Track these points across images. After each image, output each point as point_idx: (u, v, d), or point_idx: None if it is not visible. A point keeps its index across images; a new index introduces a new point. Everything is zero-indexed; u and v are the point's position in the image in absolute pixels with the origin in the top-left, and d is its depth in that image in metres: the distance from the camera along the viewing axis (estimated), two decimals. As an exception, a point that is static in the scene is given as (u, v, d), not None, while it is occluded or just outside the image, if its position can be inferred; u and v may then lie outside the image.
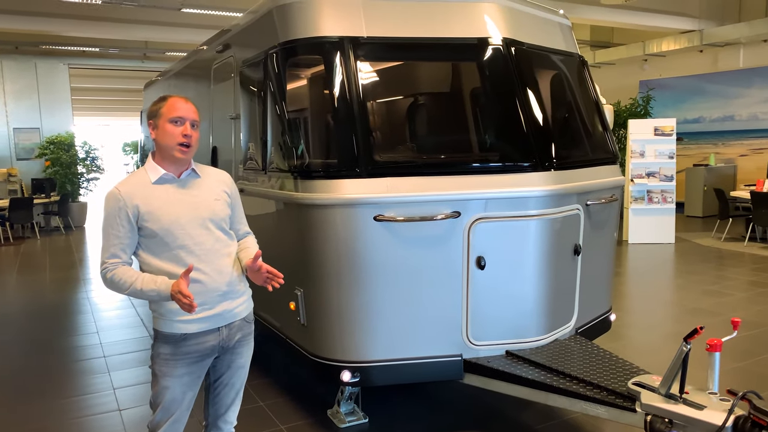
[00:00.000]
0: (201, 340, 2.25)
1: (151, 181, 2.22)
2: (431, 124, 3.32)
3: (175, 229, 2.19)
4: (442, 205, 3.05)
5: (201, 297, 2.20)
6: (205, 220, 2.25)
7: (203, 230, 2.24)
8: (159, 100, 2.25)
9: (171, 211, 2.19)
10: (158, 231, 2.17)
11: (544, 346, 3.33)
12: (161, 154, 2.24)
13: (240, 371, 2.43)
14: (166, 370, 2.24)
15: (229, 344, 2.34)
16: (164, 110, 2.20)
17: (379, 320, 3.12)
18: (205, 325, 2.25)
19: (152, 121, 2.24)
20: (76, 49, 13.07)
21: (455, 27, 3.27)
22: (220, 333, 2.30)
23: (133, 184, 2.20)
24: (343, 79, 3.11)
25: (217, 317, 2.28)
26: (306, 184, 3.12)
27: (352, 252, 3.05)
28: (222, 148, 4.42)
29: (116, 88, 20.47)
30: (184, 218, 2.21)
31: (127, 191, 2.18)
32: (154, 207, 2.18)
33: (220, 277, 2.26)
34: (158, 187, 2.22)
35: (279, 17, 3.38)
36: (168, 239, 2.18)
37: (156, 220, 2.17)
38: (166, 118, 2.19)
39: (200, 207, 2.26)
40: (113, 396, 4.09)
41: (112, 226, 2.16)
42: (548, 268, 3.26)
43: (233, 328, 2.34)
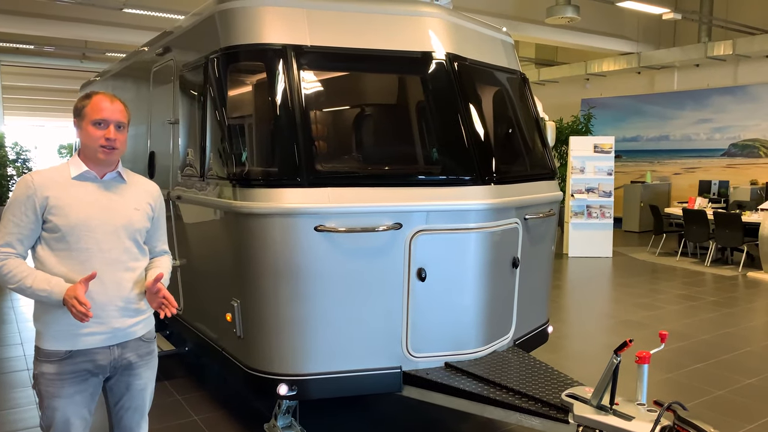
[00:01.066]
0: (89, 358, 2.08)
1: (71, 175, 2.11)
2: (375, 135, 3.31)
3: (81, 229, 2.06)
4: (384, 216, 3.04)
5: (93, 309, 2.02)
6: (117, 227, 2.13)
7: (112, 237, 2.11)
8: (84, 97, 2.14)
9: (82, 210, 2.07)
10: (63, 227, 2.04)
11: (483, 357, 3.35)
12: (85, 152, 2.13)
13: (141, 393, 2.26)
14: (54, 390, 2.06)
15: (121, 364, 2.17)
16: (88, 110, 2.09)
17: (318, 332, 3.06)
18: (95, 341, 2.09)
19: (76, 119, 2.13)
20: (9, 45, 12.46)
21: (400, 40, 3.28)
22: (111, 352, 2.13)
23: (49, 176, 2.09)
24: (285, 87, 3.07)
25: (109, 334, 2.11)
26: (245, 192, 3.05)
27: (291, 263, 2.99)
28: (160, 153, 4.28)
29: (52, 88, 19.63)
30: (95, 221, 2.09)
31: (40, 181, 2.06)
32: (65, 202, 2.06)
33: (117, 291, 2.11)
34: (77, 184, 2.10)
35: (221, 22, 3.31)
36: (71, 238, 2.05)
37: (64, 216, 2.05)
38: (89, 120, 2.08)
39: (116, 213, 2.14)
40: (36, 411, 3.86)
41: (14, 213, 2.04)
42: (487, 281, 3.30)
43: (127, 347, 2.17)
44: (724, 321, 6.13)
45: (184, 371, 4.55)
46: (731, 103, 12.33)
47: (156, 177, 4.34)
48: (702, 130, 12.87)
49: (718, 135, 12.60)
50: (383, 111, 3.34)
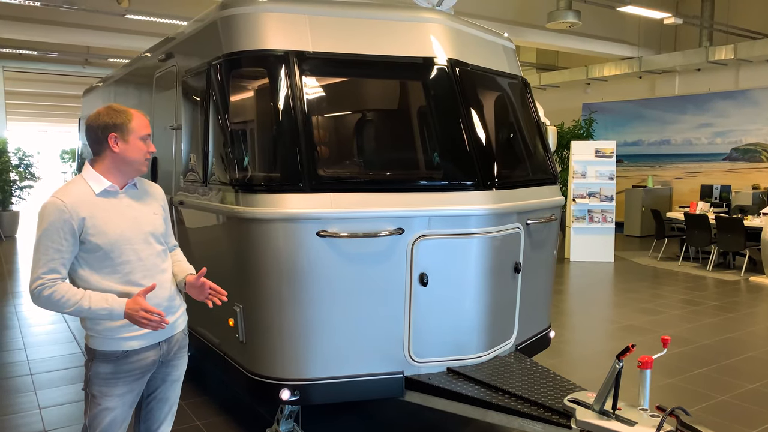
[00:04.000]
0: (142, 356, 2.21)
1: (94, 192, 2.14)
2: (376, 140, 3.32)
3: (120, 243, 2.14)
4: (386, 221, 3.05)
5: None
6: (147, 234, 2.23)
7: (146, 245, 2.22)
8: (118, 113, 2.17)
9: (117, 225, 2.15)
10: (104, 245, 2.10)
11: (485, 362, 3.35)
12: (117, 166, 2.17)
13: (175, 384, 2.41)
14: (107, 390, 2.17)
15: (167, 358, 2.33)
16: (134, 126, 2.16)
17: (321, 337, 3.07)
18: (147, 341, 2.22)
19: (116, 134, 2.14)
20: (12, 51, 12.51)
21: (401, 46, 3.29)
22: (161, 348, 2.28)
23: (76, 195, 2.10)
24: (287, 93, 3.08)
25: (158, 332, 2.25)
26: (247, 197, 3.06)
27: (293, 268, 3.00)
28: (162, 158, 4.30)
29: (55, 94, 19.68)
30: (129, 232, 2.17)
31: (72, 203, 2.07)
32: (100, 221, 2.11)
33: (161, 293, 2.24)
34: (102, 200, 2.15)
35: (223, 28, 3.33)
36: (113, 254, 2.13)
37: (102, 234, 2.10)
38: (137, 135, 2.17)
39: (142, 221, 2.23)
40: (39, 416, 3.87)
41: (53, 239, 2.04)
42: (489, 286, 3.30)
43: (172, 341, 2.34)
44: (726, 326, 6.12)
45: (186, 376, 4.54)
46: (733, 108, 12.34)
47: (158, 182, 4.35)
48: (703, 134, 12.88)
49: (720, 139, 12.61)
50: (385, 116, 3.35)
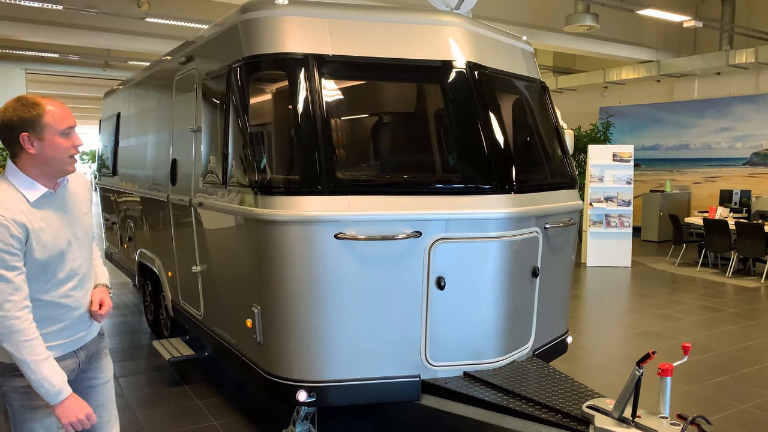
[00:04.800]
0: (62, 365, 2.02)
1: (29, 201, 1.91)
2: (394, 143, 3.33)
3: (58, 254, 1.96)
4: (404, 224, 3.05)
5: (70, 322, 2.05)
6: (80, 240, 2.07)
7: (80, 252, 2.07)
8: (28, 107, 1.88)
9: (54, 235, 1.95)
10: (42, 259, 1.91)
11: (502, 367, 3.34)
12: (40, 168, 1.92)
13: (106, 387, 2.25)
14: (28, 404, 1.99)
15: (87, 366, 2.18)
16: (48, 120, 1.88)
17: (337, 340, 3.07)
18: (62, 351, 2.05)
19: (29, 133, 1.87)
20: (35, 54, 12.72)
21: (420, 49, 3.30)
22: (77, 356, 2.12)
23: (11, 203, 1.86)
24: (306, 96, 3.10)
25: (76, 341, 2.10)
26: (266, 199, 3.08)
27: (311, 270, 3.01)
28: (182, 160, 4.34)
29: (76, 96, 19.98)
30: (65, 241, 1.99)
31: (12, 215, 1.84)
32: (39, 232, 1.91)
33: (84, 300, 2.11)
34: (38, 211, 1.92)
35: (244, 31, 3.36)
36: (50, 268, 1.95)
37: (42, 246, 1.91)
38: (54, 131, 1.89)
39: (75, 225, 2.06)
40: (57, 415, 3.92)
41: (4, 260, 1.81)
42: (507, 290, 3.29)
43: (90, 347, 2.18)
44: (746, 333, 6.03)
45: (202, 376, 4.59)
46: (753, 112, 12.17)
47: (178, 184, 4.39)
48: (723, 138, 12.71)
49: (740, 144, 12.43)
50: (403, 120, 3.35)
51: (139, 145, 5.68)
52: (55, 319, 2.00)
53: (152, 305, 5.64)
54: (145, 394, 4.25)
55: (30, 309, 1.88)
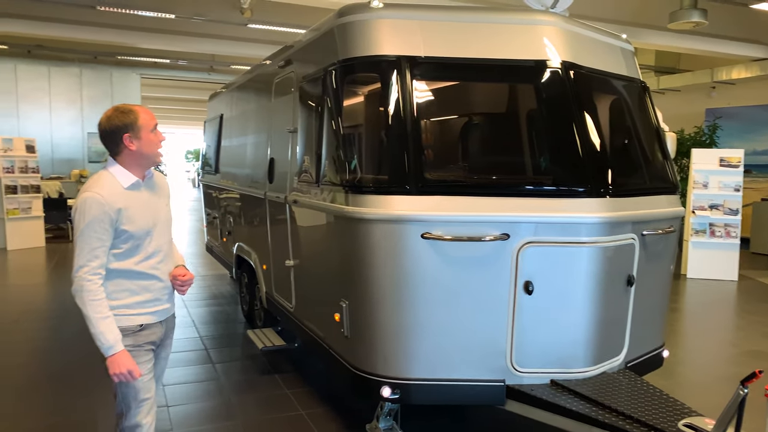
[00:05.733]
0: (153, 330, 2.47)
1: (123, 186, 2.36)
2: (484, 144, 3.31)
3: (148, 232, 2.39)
4: (491, 226, 3.03)
5: (157, 293, 2.47)
6: (164, 223, 2.50)
7: (164, 233, 2.49)
8: (125, 113, 2.35)
9: (144, 215, 2.39)
10: (135, 233, 2.34)
11: (591, 378, 3.23)
12: (137, 161, 2.39)
13: (165, 361, 2.68)
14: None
15: (162, 337, 2.56)
16: (142, 122, 2.36)
17: (423, 338, 3.11)
18: (155, 318, 2.48)
19: (129, 134, 2.34)
20: (149, 60, 13.74)
21: (514, 49, 3.26)
22: (162, 326, 2.54)
23: (110, 188, 2.32)
24: (398, 97, 3.15)
25: (163, 312, 2.53)
26: (356, 198, 3.17)
27: (397, 268, 3.06)
28: (279, 160, 4.54)
29: (182, 98, 21.35)
30: (153, 222, 2.42)
31: (109, 195, 2.29)
32: (132, 211, 2.34)
33: (168, 278, 2.53)
34: (130, 192, 2.37)
35: (340, 35, 3.47)
36: (142, 242, 2.38)
37: (135, 223, 2.34)
38: (147, 128, 2.37)
39: (160, 211, 2.49)
40: (162, 392, 4.22)
41: (96, 230, 2.25)
42: (599, 298, 3.18)
43: (169, 322, 2.60)
44: None
45: (292, 366, 4.78)
46: None
47: (275, 182, 4.60)
48: None
49: None
50: (494, 120, 3.33)
51: (239, 145, 6.00)
52: (147, 288, 2.42)
53: (248, 296, 5.93)
54: (239, 380, 4.48)
55: (101, 276, 2.29)
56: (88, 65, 13.94)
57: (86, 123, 14.08)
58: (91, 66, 13.99)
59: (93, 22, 10.29)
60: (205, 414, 3.91)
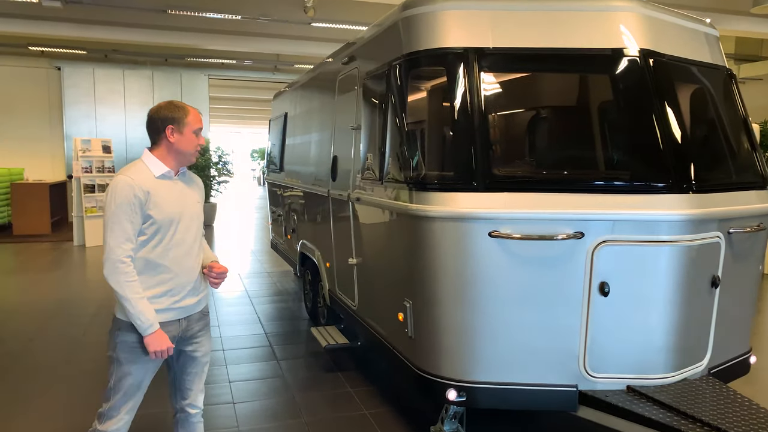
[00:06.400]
0: (165, 330, 2.42)
1: (154, 174, 2.40)
2: (556, 138, 3.16)
3: (173, 221, 2.40)
4: (564, 224, 2.89)
5: (174, 289, 2.43)
6: (192, 218, 2.50)
7: (189, 228, 2.48)
8: (178, 108, 2.43)
9: (170, 204, 2.41)
10: (161, 220, 2.35)
11: (671, 384, 3.03)
12: (171, 154, 2.44)
13: (202, 360, 2.62)
14: (132, 357, 2.40)
15: (187, 335, 2.53)
16: (190, 120, 2.44)
17: (490, 340, 3.00)
18: (170, 316, 2.45)
19: (174, 126, 2.41)
20: (216, 61, 14.14)
21: (588, 37, 3.09)
22: (180, 324, 2.49)
23: (140, 174, 2.37)
24: (465, 91, 3.06)
25: (181, 310, 2.48)
26: (421, 195, 3.09)
27: (464, 267, 2.97)
28: (342, 157, 4.53)
29: (247, 98, 21.89)
30: (179, 213, 2.43)
31: (139, 179, 2.34)
32: (160, 198, 2.37)
33: (191, 274, 2.50)
34: (160, 181, 2.41)
35: (404, 28, 3.40)
36: (166, 230, 2.38)
37: (161, 209, 2.36)
38: (191, 128, 2.44)
39: (189, 205, 2.50)
40: (228, 388, 4.30)
41: (126, 212, 2.29)
42: (680, 300, 2.97)
43: (191, 320, 2.55)
44: None
45: (355, 364, 4.76)
46: None
47: (338, 180, 4.60)
48: None
49: None
50: (566, 113, 3.17)
51: (303, 143, 6.05)
52: (165, 281, 2.41)
53: (311, 293, 5.98)
54: (302, 377, 4.51)
55: (133, 258, 2.32)
56: (159, 68, 14.51)
57: (158, 124, 14.68)
58: (162, 68, 14.55)
59: (164, 25, 10.67)
60: (271, 411, 3.94)
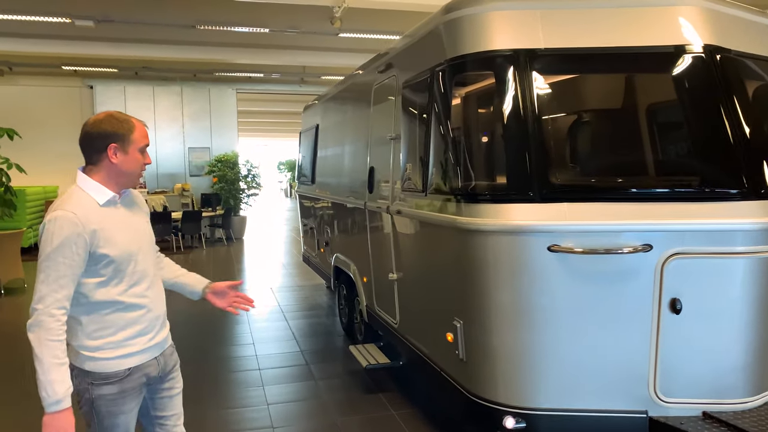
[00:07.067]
0: (144, 372, 2.14)
1: (99, 203, 2.04)
2: (617, 143, 2.93)
3: (129, 254, 2.07)
4: (630, 236, 2.66)
5: (148, 325, 2.14)
6: (146, 243, 2.20)
7: (147, 255, 2.18)
8: (120, 122, 2.06)
9: (124, 235, 2.08)
10: (115, 257, 2.02)
11: (753, 410, 2.76)
12: (115, 178, 2.07)
13: (179, 396, 2.35)
14: (116, 409, 2.07)
15: (164, 372, 2.24)
16: (136, 136, 2.08)
17: (550, 363, 2.78)
18: (147, 356, 2.15)
19: (117, 144, 2.03)
20: (243, 75, 14.17)
21: (647, 35, 2.87)
22: (158, 362, 2.20)
23: (83, 206, 1.99)
24: (516, 95, 2.86)
25: (156, 347, 2.20)
26: (471, 208, 2.89)
27: (521, 285, 2.75)
28: (379, 168, 4.36)
29: (274, 111, 21.98)
30: (134, 242, 2.11)
31: (82, 214, 1.96)
32: (111, 231, 2.03)
33: (159, 303, 2.22)
34: (107, 210, 2.05)
35: (447, 32, 3.22)
36: (123, 266, 2.05)
37: (115, 245, 2.02)
38: (137, 146, 2.08)
39: (140, 230, 2.18)
40: (267, 412, 4.14)
41: (65, 254, 1.91)
42: (759, 317, 2.71)
43: (166, 355, 2.26)
44: None
45: (395, 384, 4.56)
46: None
47: (375, 191, 4.42)
48: None
49: None
50: (627, 116, 2.95)
51: (336, 155, 5.90)
52: (136, 320, 2.10)
53: (346, 309, 5.80)
54: (342, 399, 4.32)
55: (65, 312, 1.94)
56: (188, 83, 14.60)
57: (187, 138, 14.75)
58: (191, 84, 14.65)
59: (193, 41, 10.71)
60: (312, 435, 3.76)
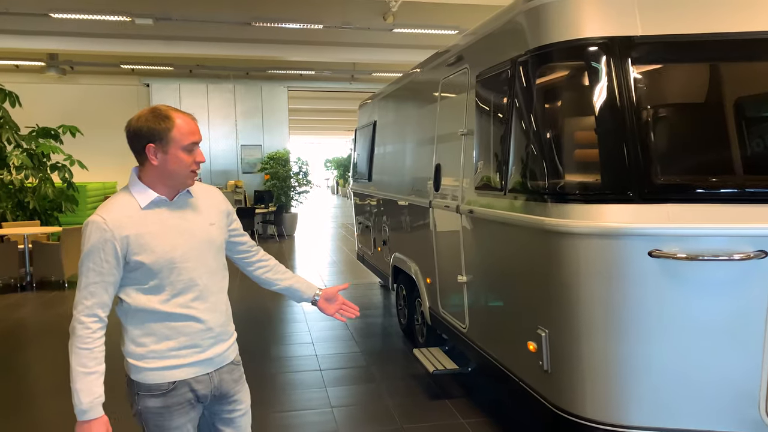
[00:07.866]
0: (191, 387, 1.97)
1: (140, 206, 1.90)
2: (727, 138, 2.67)
3: (170, 261, 1.90)
4: (742, 241, 2.40)
5: (194, 338, 1.95)
6: (201, 249, 1.97)
7: (199, 262, 1.97)
8: (160, 119, 1.87)
9: (165, 241, 1.90)
10: (151, 265, 1.87)
11: None
12: (161, 179, 1.91)
13: (245, 417, 2.15)
14: (164, 423, 1.95)
15: (220, 392, 2.05)
16: (176, 134, 1.87)
17: (646, 378, 2.55)
18: (196, 370, 1.98)
19: (154, 144, 1.86)
20: (295, 72, 14.20)
21: (763, 17, 2.60)
22: (211, 380, 2.02)
23: (119, 211, 1.87)
24: (611, 86, 2.63)
25: (208, 362, 2.00)
26: (560, 208, 2.69)
27: (616, 293, 2.53)
28: (447, 165, 4.18)
29: (323, 109, 22.05)
30: (180, 248, 1.92)
31: (114, 219, 1.84)
32: (149, 237, 1.88)
33: (213, 317, 2.00)
34: (149, 213, 1.90)
35: (529, 21, 3.02)
36: (162, 274, 1.89)
37: (152, 252, 1.87)
38: (179, 145, 1.88)
39: (196, 234, 1.97)
40: (332, 415, 4.03)
41: (94, 260, 1.83)
42: None
43: (223, 373, 2.06)
44: None
45: (462, 390, 4.38)
46: None
47: (442, 189, 4.25)
48: None
49: None
50: (739, 108, 2.68)
51: (396, 152, 5.75)
52: (179, 331, 1.94)
53: (406, 310, 5.65)
54: (406, 404, 4.17)
55: (98, 320, 1.85)
56: (241, 81, 14.74)
57: (240, 136, 14.91)
58: (243, 82, 14.78)
59: (247, 38, 10.76)
60: (379, 442, 3.63)
